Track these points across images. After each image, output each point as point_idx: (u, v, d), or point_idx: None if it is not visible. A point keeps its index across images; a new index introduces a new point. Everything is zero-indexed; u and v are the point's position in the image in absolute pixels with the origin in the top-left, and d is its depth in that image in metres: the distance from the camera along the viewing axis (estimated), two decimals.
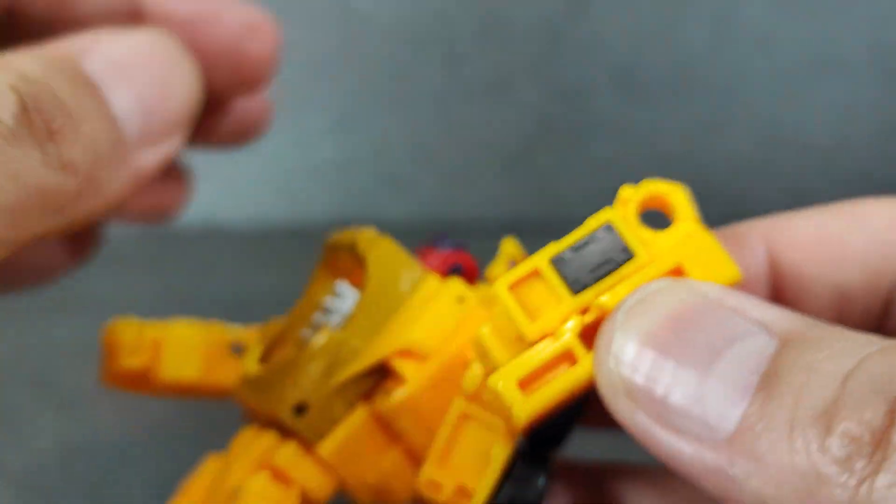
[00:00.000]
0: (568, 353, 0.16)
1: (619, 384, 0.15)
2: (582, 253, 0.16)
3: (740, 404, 0.14)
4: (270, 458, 0.22)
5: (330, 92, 0.54)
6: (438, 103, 0.54)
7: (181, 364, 0.26)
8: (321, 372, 0.22)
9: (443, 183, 0.56)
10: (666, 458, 0.15)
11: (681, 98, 0.53)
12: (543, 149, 0.55)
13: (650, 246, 0.16)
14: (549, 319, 0.16)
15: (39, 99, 0.16)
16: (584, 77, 0.53)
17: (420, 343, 0.21)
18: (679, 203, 0.17)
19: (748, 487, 0.13)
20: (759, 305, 0.15)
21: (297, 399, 0.22)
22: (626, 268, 0.16)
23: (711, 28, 0.52)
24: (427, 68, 0.53)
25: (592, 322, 0.16)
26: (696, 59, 0.52)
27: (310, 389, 0.22)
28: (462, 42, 0.52)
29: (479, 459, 0.20)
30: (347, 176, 0.56)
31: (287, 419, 0.22)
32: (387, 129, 0.55)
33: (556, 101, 0.54)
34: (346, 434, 0.22)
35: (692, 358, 0.14)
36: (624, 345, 0.15)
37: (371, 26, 0.52)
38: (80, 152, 0.17)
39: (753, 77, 0.53)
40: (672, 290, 0.15)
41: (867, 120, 0.54)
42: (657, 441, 0.14)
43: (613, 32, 0.52)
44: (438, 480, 0.20)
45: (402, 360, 0.21)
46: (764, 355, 0.14)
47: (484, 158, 0.55)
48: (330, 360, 0.22)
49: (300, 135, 0.55)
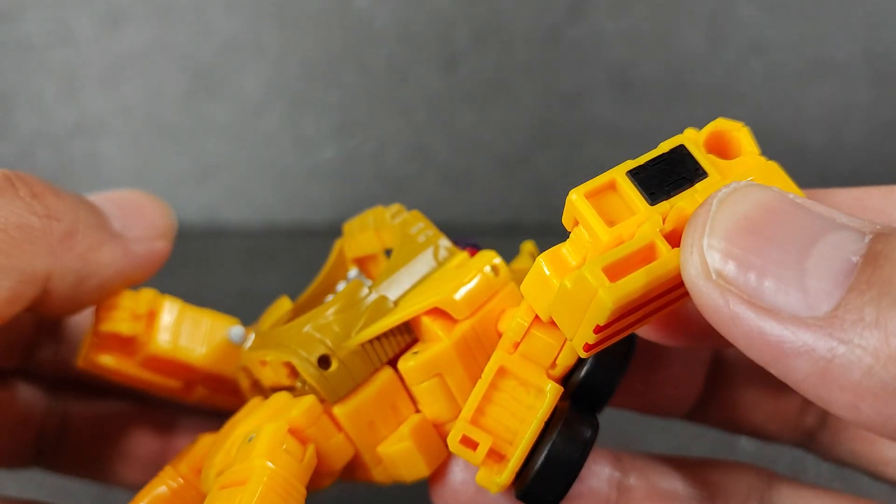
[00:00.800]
0: (651, 248, 0.16)
1: (709, 269, 0.15)
2: (657, 169, 0.16)
3: (842, 284, 0.14)
4: (286, 413, 0.20)
5: (330, 94, 0.54)
6: (438, 106, 0.54)
7: (184, 340, 0.25)
8: (348, 326, 0.21)
9: (442, 184, 0.56)
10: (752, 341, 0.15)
11: (676, 100, 0.54)
12: (541, 151, 0.55)
13: (722, 169, 0.17)
14: (626, 225, 0.16)
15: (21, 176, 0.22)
16: (582, 80, 0.53)
17: (452, 304, 0.20)
18: (745, 138, 0.17)
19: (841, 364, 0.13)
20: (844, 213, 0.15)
21: (321, 351, 0.20)
22: (700, 185, 0.16)
23: (706, 31, 0.52)
24: (426, 71, 0.53)
25: (671, 229, 0.16)
26: (692, 61, 0.53)
27: (334, 343, 0.20)
28: (461, 45, 0.53)
29: (514, 418, 0.19)
30: (347, 177, 0.56)
31: (307, 371, 0.20)
32: (386, 132, 0.55)
33: (553, 104, 0.54)
34: (367, 395, 0.21)
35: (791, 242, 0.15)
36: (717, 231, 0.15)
37: (371, 29, 0.53)
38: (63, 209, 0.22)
39: (748, 79, 0.53)
40: (763, 188, 0.16)
41: (860, 122, 0.54)
42: (746, 324, 0.14)
43: (610, 36, 0.52)
44: (474, 438, 0.19)
45: (433, 319, 0.20)
46: (860, 243, 0.14)
47: (483, 160, 0.55)
48: (357, 314, 0.21)
49: (301, 137, 0.55)
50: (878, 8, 0.51)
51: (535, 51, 0.53)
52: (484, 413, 0.19)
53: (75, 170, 0.57)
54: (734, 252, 0.15)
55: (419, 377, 0.20)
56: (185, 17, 0.53)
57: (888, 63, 0.53)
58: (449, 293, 0.20)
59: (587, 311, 0.16)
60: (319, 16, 0.53)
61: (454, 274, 0.21)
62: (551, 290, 0.17)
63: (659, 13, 0.52)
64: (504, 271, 0.22)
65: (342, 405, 0.21)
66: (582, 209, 0.16)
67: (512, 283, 0.22)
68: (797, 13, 0.52)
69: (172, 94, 0.55)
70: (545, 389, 0.19)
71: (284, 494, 0.19)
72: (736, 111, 0.54)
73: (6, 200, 0.21)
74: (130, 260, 0.24)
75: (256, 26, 0.53)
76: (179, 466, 0.23)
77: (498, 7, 0.52)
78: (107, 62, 0.54)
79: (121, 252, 0.23)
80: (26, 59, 0.55)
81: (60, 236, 0.22)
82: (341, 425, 0.21)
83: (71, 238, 0.22)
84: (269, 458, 0.19)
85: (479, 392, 0.19)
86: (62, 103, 0.55)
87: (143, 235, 0.24)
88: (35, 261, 0.21)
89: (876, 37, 0.52)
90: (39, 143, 0.56)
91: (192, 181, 0.57)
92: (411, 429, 0.21)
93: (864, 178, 0.55)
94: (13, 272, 0.20)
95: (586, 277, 0.16)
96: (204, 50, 0.54)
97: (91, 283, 0.23)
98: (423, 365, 0.20)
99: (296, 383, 0.21)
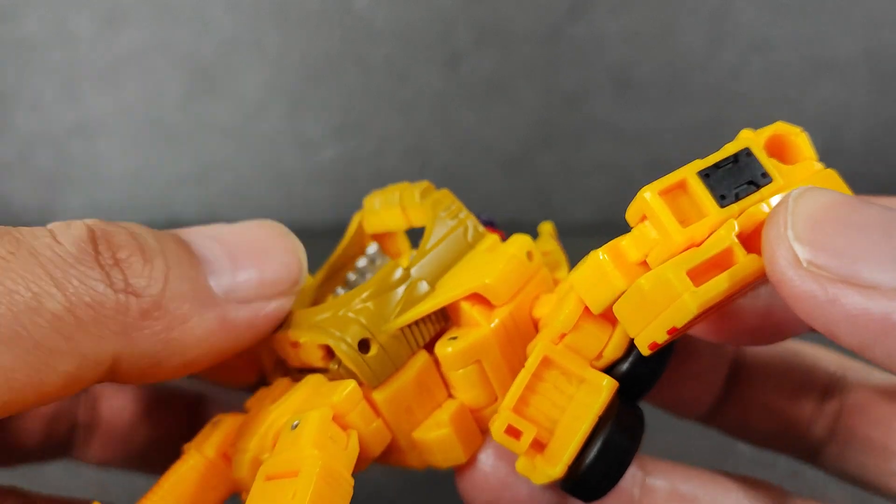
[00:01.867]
0: (729, 252, 0.16)
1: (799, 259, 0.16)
2: (725, 171, 0.17)
3: None
4: (326, 399, 0.20)
5: (330, 94, 0.55)
6: (438, 105, 0.54)
7: None
8: (386, 309, 0.20)
9: (442, 184, 0.56)
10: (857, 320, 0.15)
11: (677, 100, 0.54)
12: (541, 150, 0.55)
13: (785, 174, 0.17)
14: (699, 227, 0.16)
15: (110, 233, 0.18)
16: (582, 80, 0.53)
17: (492, 289, 0.20)
18: (803, 143, 0.18)
19: None
20: None
21: (362, 334, 0.20)
22: (766, 189, 0.17)
23: (707, 31, 0.52)
24: (427, 71, 0.53)
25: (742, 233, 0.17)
26: (693, 61, 0.53)
27: (373, 327, 0.20)
28: (461, 45, 0.53)
29: (556, 408, 0.19)
30: (347, 177, 0.56)
31: (347, 355, 0.20)
32: (386, 131, 0.55)
33: (554, 104, 0.54)
34: (405, 380, 0.20)
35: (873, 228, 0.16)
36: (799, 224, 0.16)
37: (371, 29, 0.53)
38: (147, 279, 0.18)
39: (748, 79, 0.53)
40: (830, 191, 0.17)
41: (860, 121, 0.54)
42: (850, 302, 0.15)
43: (611, 36, 0.52)
44: (518, 427, 0.19)
45: (472, 305, 0.20)
46: None
47: (483, 160, 0.55)
48: (394, 298, 0.20)
49: (300, 137, 0.56)
50: (877, 8, 0.52)
51: (535, 51, 0.53)
52: (527, 402, 0.19)
53: (74, 170, 0.57)
54: (820, 241, 0.16)
55: (459, 363, 0.20)
56: (184, 18, 0.53)
57: (888, 63, 0.53)
58: (488, 278, 0.20)
59: (665, 313, 0.16)
60: (319, 16, 0.53)
61: (489, 258, 0.21)
62: (610, 284, 0.18)
63: (659, 13, 0.52)
64: (537, 257, 0.21)
65: (381, 390, 0.20)
66: (656, 207, 0.17)
67: (544, 268, 0.22)
68: (797, 13, 0.52)
69: (172, 95, 0.55)
70: (598, 383, 0.19)
71: (335, 485, 0.18)
72: (736, 111, 0.54)
73: (81, 270, 0.18)
74: (227, 333, 0.20)
75: (256, 26, 0.53)
76: (204, 449, 0.22)
77: (498, 7, 0.52)
78: (106, 62, 0.54)
79: (216, 325, 0.19)
80: (26, 59, 0.55)
81: (138, 314, 0.18)
82: (380, 411, 0.20)
83: (150, 316, 0.18)
84: (318, 447, 0.18)
85: (523, 381, 0.19)
86: (62, 103, 0.55)
87: (254, 295, 0.20)
88: (101, 345, 0.18)
89: (876, 37, 0.52)
90: (39, 142, 0.56)
91: (192, 181, 0.57)
92: (451, 415, 0.21)
93: (863, 177, 0.55)
94: (73, 357, 0.17)
95: (671, 280, 0.16)
96: (204, 50, 0.54)
97: (170, 363, 0.19)
98: (463, 351, 0.20)
99: (330, 366, 0.21)
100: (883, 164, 0.55)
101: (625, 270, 0.18)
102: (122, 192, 0.57)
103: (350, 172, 0.56)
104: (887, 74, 0.53)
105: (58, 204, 0.58)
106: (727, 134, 0.60)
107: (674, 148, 0.55)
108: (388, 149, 0.56)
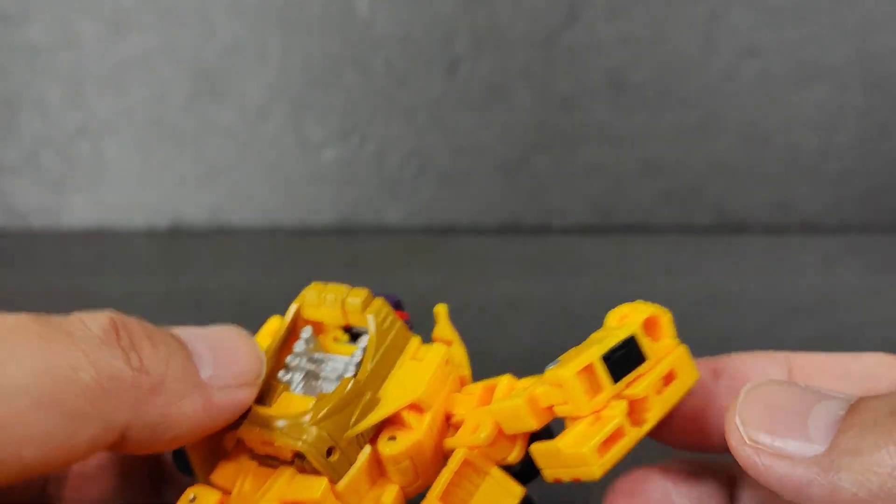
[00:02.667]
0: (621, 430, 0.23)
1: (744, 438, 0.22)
2: (618, 356, 0.23)
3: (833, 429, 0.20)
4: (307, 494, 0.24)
5: (332, 98, 0.55)
6: (437, 109, 0.55)
7: None
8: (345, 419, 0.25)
9: (441, 186, 0.56)
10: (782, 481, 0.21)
11: (671, 104, 0.54)
12: (539, 153, 0.56)
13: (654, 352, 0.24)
14: (600, 399, 0.23)
15: (126, 323, 0.23)
16: (578, 84, 0.54)
17: (425, 398, 0.25)
18: (667, 325, 0.24)
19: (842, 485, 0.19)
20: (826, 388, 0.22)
21: (328, 444, 0.24)
22: (642, 367, 0.24)
23: (701, 36, 0.53)
24: (426, 75, 0.54)
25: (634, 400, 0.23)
26: (686, 65, 0.53)
27: (337, 435, 0.24)
28: (460, 50, 0.53)
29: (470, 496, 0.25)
30: (349, 179, 0.57)
31: (317, 460, 0.24)
32: (387, 134, 0.56)
33: (550, 108, 0.54)
34: (358, 471, 0.25)
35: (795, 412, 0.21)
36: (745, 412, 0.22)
37: (372, 34, 0.53)
38: (155, 361, 0.22)
39: (741, 83, 0.54)
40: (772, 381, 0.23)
41: (852, 125, 0.55)
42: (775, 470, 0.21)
43: (606, 41, 0.53)
44: None
45: (410, 412, 0.25)
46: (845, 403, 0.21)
47: (481, 163, 0.56)
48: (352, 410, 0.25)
49: (303, 139, 0.56)
50: (870, 12, 0.52)
51: (532, 56, 0.53)
52: (449, 492, 0.25)
53: (80, 172, 0.57)
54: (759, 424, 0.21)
55: (398, 460, 0.25)
56: (188, 22, 0.54)
57: (880, 67, 0.53)
58: (420, 390, 0.25)
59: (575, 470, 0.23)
60: (321, 21, 0.53)
61: (416, 367, 0.26)
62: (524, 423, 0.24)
63: (654, 18, 0.52)
64: (452, 362, 0.26)
65: (342, 482, 0.25)
66: (573, 386, 0.23)
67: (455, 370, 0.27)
68: (790, 17, 0.52)
69: (176, 98, 0.55)
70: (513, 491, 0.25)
71: None
72: (729, 114, 0.54)
73: (107, 350, 0.21)
74: (209, 412, 0.24)
75: (259, 31, 0.54)
76: None
77: (496, 13, 0.52)
78: (111, 66, 0.55)
79: (201, 404, 0.23)
80: (32, 62, 0.55)
81: (146, 390, 0.22)
82: (341, 498, 0.25)
83: (155, 392, 0.22)
84: None
85: (448, 477, 0.24)
86: (67, 106, 0.56)
87: (229, 384, 0.24)
88: (118, 413, 0.21)
89: (868, 40, 0.53)
90: (44, 145, 0.57)
91: (196, 183, 0.57)
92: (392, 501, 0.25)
93: (855, 180, 0.56)
94: (97, 422, 0.21)
95: (586, 455, 0.22)
96: (207, 54, 0.54)
97: (165, 435, 0.23)
98: (402, 452, 0.25)
99: (296, 461, 0.25)
100: (875, 167, 0.55)
101: (536, 414, 0.24)
102: (127, 194, 0.58)
103: (351, 174, 0.57)
104: (880, 78, 0.53)
105: (63, 205, 0.58)
106: (718, 138, 0.60)
107: (667, 150, 0.55)
108: (388, 151, 0.56)
